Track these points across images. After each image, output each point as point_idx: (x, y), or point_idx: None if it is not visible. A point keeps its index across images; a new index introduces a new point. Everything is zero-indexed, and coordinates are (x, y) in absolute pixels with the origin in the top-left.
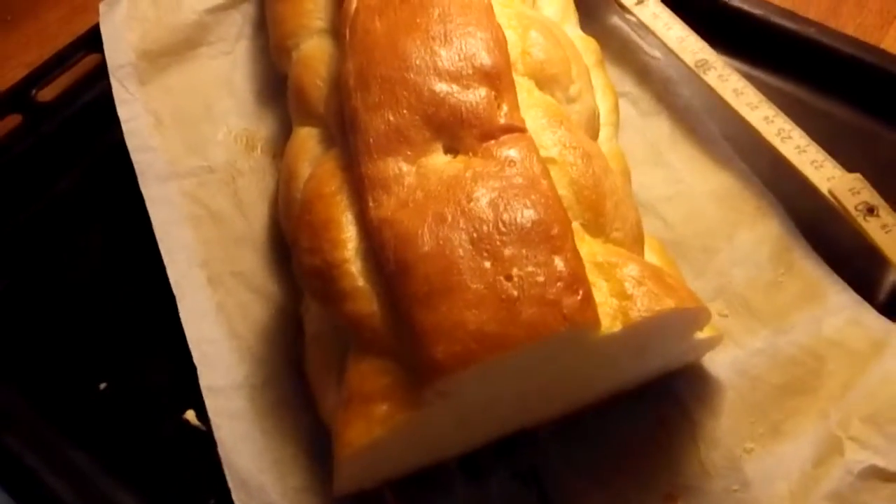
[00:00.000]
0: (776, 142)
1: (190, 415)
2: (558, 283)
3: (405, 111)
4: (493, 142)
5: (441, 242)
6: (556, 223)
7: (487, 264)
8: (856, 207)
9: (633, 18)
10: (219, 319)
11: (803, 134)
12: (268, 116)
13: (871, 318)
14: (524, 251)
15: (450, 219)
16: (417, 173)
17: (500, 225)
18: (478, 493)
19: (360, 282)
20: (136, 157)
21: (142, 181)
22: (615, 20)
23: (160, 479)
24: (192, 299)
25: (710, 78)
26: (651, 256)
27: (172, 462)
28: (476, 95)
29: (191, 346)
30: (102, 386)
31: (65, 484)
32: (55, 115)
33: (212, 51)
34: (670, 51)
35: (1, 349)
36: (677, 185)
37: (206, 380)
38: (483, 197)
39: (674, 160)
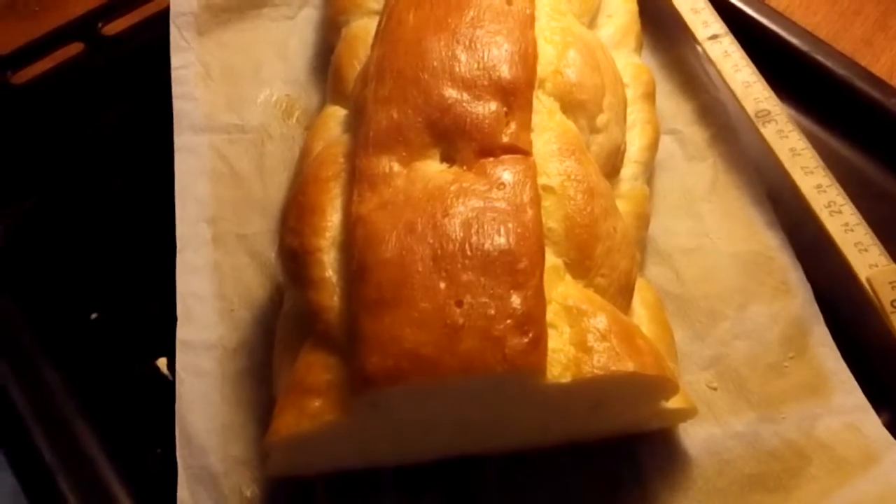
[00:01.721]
0: (823, 214)
1: (161, 362)
2: (508, 321)
3: (410, 111)
4: (491, 159)
5: (403, 252)
6: (526, 257)
7: (442, 285)
8: (892, 303)
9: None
10: (212, 277)
11: (855, 211)
12: (312, 88)
13: (873, 429)
14: (483, 280)
15: (419, 230)
16: (407, 177)
17: (467, 247)
18: None
19: (329, 273)
20: (177, 105)
21: (177, 128)
22: (687, 52)
23: (118, 417)
24: (192, 252)
25: (769, 131)
26: (640, 311)
27: (134, 403)
28: (485, 108)
29: (178, 297)
30: (94, 315)
31: (27, 398)
32: (114, 50)
33: (274, 13)
34: (733, 94)
35: (13, 260)
36: (701, 238)
37: (182, 333)
38: (459, 215)
39: (706, 212)
